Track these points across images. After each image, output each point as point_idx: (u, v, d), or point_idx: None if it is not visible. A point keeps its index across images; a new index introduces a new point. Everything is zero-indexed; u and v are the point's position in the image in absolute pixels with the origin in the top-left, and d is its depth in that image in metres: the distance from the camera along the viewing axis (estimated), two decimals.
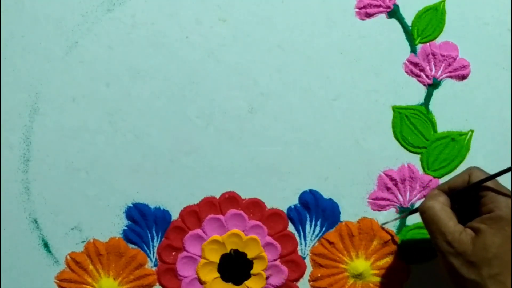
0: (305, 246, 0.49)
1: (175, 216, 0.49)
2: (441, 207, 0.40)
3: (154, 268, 0.49)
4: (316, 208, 0.49)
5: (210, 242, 0.49)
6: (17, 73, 0.49)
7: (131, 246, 0.49)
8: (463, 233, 0.39)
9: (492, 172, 0.41)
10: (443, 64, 0.50)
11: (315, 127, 0.50)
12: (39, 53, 0.49)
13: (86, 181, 0.49)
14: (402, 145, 0.50)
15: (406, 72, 0.50)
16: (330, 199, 0.49)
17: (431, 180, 0.50)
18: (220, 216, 0.49)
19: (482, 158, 0.50)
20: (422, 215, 0.41)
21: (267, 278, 0.49)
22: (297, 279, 0.49)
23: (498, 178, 0.41)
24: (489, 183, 0.40)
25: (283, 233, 0.49)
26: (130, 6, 0.49)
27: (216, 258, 0.49)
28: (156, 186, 0.49)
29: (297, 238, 0.49)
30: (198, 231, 0.49)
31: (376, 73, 0.50)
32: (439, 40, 0.50)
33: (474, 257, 0.38)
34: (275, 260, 0.49)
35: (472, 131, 0.50)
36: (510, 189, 0.47)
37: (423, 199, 0.42)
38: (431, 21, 0.50)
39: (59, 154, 0.49)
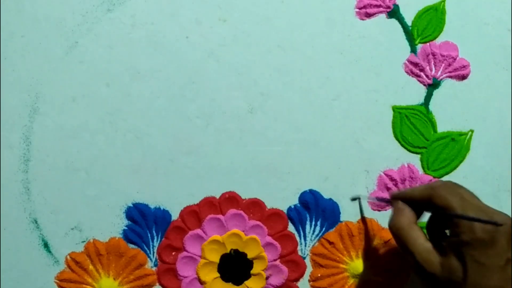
0: (305, 246, 0.49)
1: (175, 216, 0.49)
2: (407, 224, 0.40)
3: (154, 268, 0.49)
4: (316, 208, 0.49)
5: (210, 242, 0.49)
6: (17, 73, 0.49)
7: (131, 246, 0.49)
8: (431, 253, 0.39)
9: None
10: (443, 64, 0.50)
11: (315, 127, 0.50)
12: (39, 53, 0.49)
13: (86, 181, 0.49)
14: (402, 145, 0.50)
15: (406, 72, 0.50)
16: (330, 199, 0.49)
17: (431, 180, 0.50)
18: (220, 216, 0.49)
19: (482, 158, 0.50)
20: (391, 232, 0.41)
21: (267, 278, 0.49)
22: (297, 279, 0.49)
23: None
24: (453, 203, 0.38)
25: (283, 233, 0.49)
26: (130, 6, 0.49)
27: (216, 258, 0.49)
28: (156, 186, 0.49)
29: (297, 238, 0.49)
30: (198, 231, 0.49)
31: (376, 73, 0.50)
32: (439, 40, 0.50)
33: (443, 279, 0.38)
34: (275, 260, 0.49)
35: (472, 131, 0.50)
36: (509, 190, 0.47)
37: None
38: (431, 21, 0.50)
39: (59, 154, 0.49)
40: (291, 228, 0.49)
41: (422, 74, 0.50)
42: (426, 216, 0.43)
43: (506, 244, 0.37)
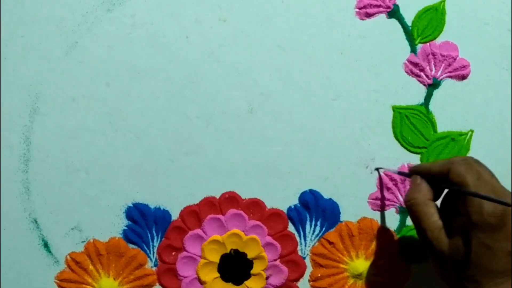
0: (305, 246, 0.49)
1: (175, 216, 0.49)
2: (423, 201, 0.40)
3: (154, 268, 0.49)
4: (316, 208, 0.49)
5: (210, 242, 0.49)
6: (17, 73, 0.49)
7: (131, 246, 0.49)
8: (442, 231, 0.39)
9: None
10: (443, 64, 0.50)
11: (315, 127, 0.50)
12: (39, 53, 0.49)
13: (86, 181, 0.49)
14: (402, 145, 0.50)
15: (406, 72, 0.50)
16: (330, 199, 0.49)
17: None
18: (220, 216, 0.49)
19: (482, 158, 0.50)
20: (406, 207, 0.42)
21: (267, 278, 0.49)
22: (297, 279, 0.49)
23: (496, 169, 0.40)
24: (469, 181, 0.38)
25: (283, 233, 0.49)
26: (130, 6, 0.49)
27: (216, 258, 0.49)
28: (156, 186, 0.49)
29: (297, 238, 0.49)
30: (198, 231, 0.49)
31: (376, 73, 0.50)
32: (439, 40, 0.50)
33: (449, 258, 0.38)
34: (275, 260, 0.49)
35: (472, 131, 0.50)
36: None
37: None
38: (431, 21, 0.50)
39: (59, 154, 0.49)
40: (291, 228, 0.49)
41: (422, 74, 0.50)
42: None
43: None
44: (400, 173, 0.48)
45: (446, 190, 0.43)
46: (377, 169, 0.49)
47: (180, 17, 0.49)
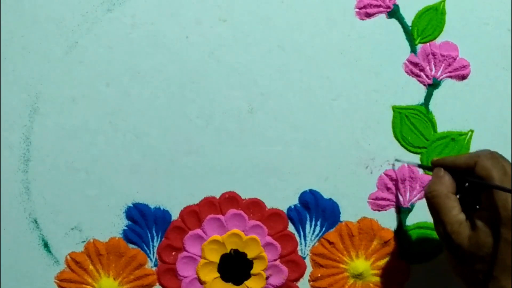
0: (305, 246, 0.49)
1: (175, 216, 0.49)
2: (445, 193, 0.40)
3: (154, 268, 0.49)
4: (316, 208, 0.49)
5: (210, 242, 0.49)
6: (17, 73, 0.49)
7: (131, 246, 0.49)
8: (462, 225, 0.38)
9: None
10: (443, 64, 0.50)
11: (315, 127, 0.50)
12: (39, 53, 0.49)
13: (86, 181, 0.49)
14: (402, 145, 0.50)
15: (406, 72, 0.50)
16: (330, 199, 0.49)
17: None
18: (220, 216, 0.49)
19: None
20: (427, 200, 0.41)
21: (267, 278, 0.49)
22: (297, 279, 0.49)
23: None
24: (495, 175, 0.38)
25: (283, 233, 0.49)
26: (130, 6, 0.49)
27: (216, 258, 0.49)
28: (156, 186, 0.49)
29: (297, 238, 0.49)
30: (198, 231, 0.49)
31: (376, 73, 0.50)
32: (439, 40, 0.50)
33: (468, 252, 0.38)
34: (275, 260, 0.49)
35: (472, 131, 0.50)
36: None
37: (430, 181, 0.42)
38: (431, 21, 0.50)
39: (59, 154, 0.49)
40: (291, 228, 0.49)
41: (422, 74, 0.50)
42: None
43: None
44: (421, 166, 0.48)
45: (466, 185, 0.42)
46: (396, 160, 0.49)
47: (180, 17, 0.49)
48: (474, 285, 0.39)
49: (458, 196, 0.42)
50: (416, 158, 0.50)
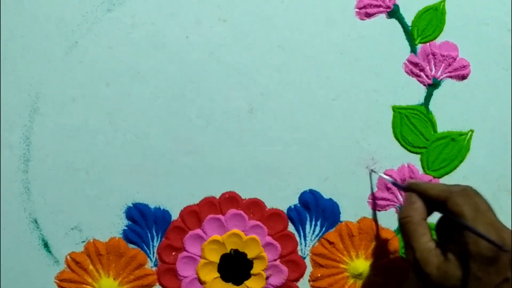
0: (305, 246, 0.49)
1: (175, 216, 0.49)
2: (418, 220, 0.40)
3: (154, 268, 0.49)
4: (316, 208, 0.49)
5: (210, 242, 0.49)
6: (17, 73, 0.49)
7: (131, 246, 0.49)
8: (431, 253, 0.39)
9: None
10: (443, 64, 0.50)
11: (315, 127, 0.50)
12: (39, 53, 0.49)
13: (86, 181, 0.49)
14: (402, 145, 0.50)
15: (406, 72, 0.50)
16: (330, 199, 0.49)
17: (431, 180, 0.50)
18: (220, 216, 0.49)
19: (482, 158, 0.50)
20: (399, 223, 0.41)
21: (267, 278, 0.49)
22: (297, 279, 0.49)
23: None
24: (466, 213, 0.38)
25: (283, 233, 0.49)
26: (130, 6, 0.49)
27: (216, 258, 0.49)
28: (156, 186, 0.49)
29: (297, 238, 0.49)
30: (198, 231, 0.49)
31: (376, 73, 0.50)
32: (439, 40, 0.50)
33: (436, 281, 0.38)
34: (275, 260, 0.49)
35: (472, 131, 0.50)
36: (510, 190, 0.47)
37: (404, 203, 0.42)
38: (431, 21, 0.50)
39: (59, 154, 0.49)
40: (291, 228, 0.49)
41: (422, 74, 0.50)
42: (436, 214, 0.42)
43: (508, 264, 0.36)
44: (395, 184, 0.48)
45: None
46: (372, 171, 0.49)
47: (180, 17, 0.49)
48: None
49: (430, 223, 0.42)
50: (416, 158, 0.50)
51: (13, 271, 0.49)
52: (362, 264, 0.49)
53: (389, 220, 0.50)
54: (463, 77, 0.50)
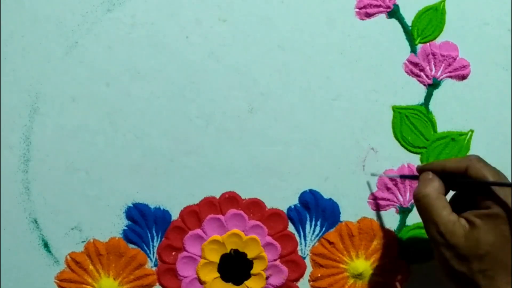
0: (305, 246, 0.49)
1: (175, 216, 0.49)
2: (436, 195, 0.40)
3: (154, 268, 0.49)
4: (316, 208, 0.49)
5: (210, 242, 0.49)
6: (17, 73, 0.49)
7: (131, 246, 0.49)
8: (456, 224, 0.38)
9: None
10: (443, 64, 0.50)
11: (315, 127, 0.50)
12: (39, 53, 0.49)
13: (86, 181, 0.49)
14: (402, 145, 0.50)
15: (406, 72, 0.50)
16: (330, 199, 0.49)
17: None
18: (220, 216, 0.49)
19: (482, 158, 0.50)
20: (416, 202, 0.41)
21: (267, 278, 0.49)
22: (297, 279, 0.49)
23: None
24: (488, 175, 0.38)
25: (283, 233, 0.49)
26: (130, 6, 0.49)
27: (216, 258, 0.49)
28: (156, 186, 0.49)
29: (297, 238, 0.49)
30: (198, 231, 0.49)
31: (376, 73, 0.50)
32: (439, 40, 0.50)
33: (466, 251, 0.38)
34: (275, 260, 0.49)
35: (472, 131, 0.50)
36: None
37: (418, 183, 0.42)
38: (431, 21, 0.50)
39: (59, 154, 0.49)
40: (291, 228, 0.49)
41: (422, 74, 0.50)
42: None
43: None
44: (404, 176, 0.48)
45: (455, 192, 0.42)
46: (374, 174, 0.49)
47: (180, 17, 0.49)
48: (467, 287, 0.38)
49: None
50: (416, 158, 0.50)
51: (13, 271, 0.49)
52: (362, 264, 0.49)
53: (389, 220, 0.50)
54: (463, 77, 0.50)
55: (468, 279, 0.38)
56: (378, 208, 0.49)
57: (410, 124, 0.50)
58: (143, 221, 0.49)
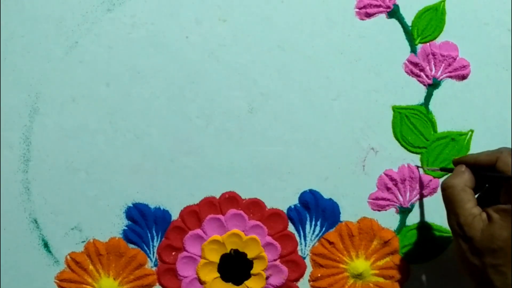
0: (305, 246, 0.49)
1: (175, 216, 0.49)
2: (462, 187, 0.40)
3: (154, 268, 0.49)
4: (316, 208, 0.49)
5: (210, 242, 0.49)
6: (17, 73, 0.49)
7: (131, 246, 0.49)
8: (476, 218, 0.39)
9: None
10: (443, 64, 0.50)
11: (315, 127, 0.50)
12: (39, 53, 0.49)
13: (86, 181, 0.49)
14: (402, 145, 0.50)
15: (406, 72, 0.50)
16: (330, 199, 0.49)
17: (431, 180, 0.50)
18: (220, 216, 0.49)
19: None
20: (442, 191, 0.41)
21: (267, 278, 0.49)
22: (297, 279, 0.49)
23: None
24: None
25: (283, 233, 0.49)
26: (130, 6, 0.49)
27: (216, 258, 0.49)
28: (156, 186, 0.49)
29: (297, 238, 0.49)
30: (198, 231, 0.49)
31: (376, 73, 0.50)
32: (439, 40, 0.50)
33: (480, 245, 0.38)
34: (275, 260, 0.49)
35: (472, 131, 0.50)
36: None
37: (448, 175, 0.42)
38: (431, 21, 0.50)
39: (59, 154, 0.49)
40: (291, 228, 0.49)
41: (422, 74, 0.50)
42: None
43: None
44: (443, 169, 0.48)
45: (486, 186, 0.42)
46: (418, 167, 0.49)
47: (180, 17, 0.49)
48: (480, 280, 0.39)
49: (477, 195, 0.42)
50: (416, 158, 0.50)
51: (13, 271, 0.49)
52: (362, 264, 0.49)
53: (389, 220, 0.50)
54: (463, 77, 0.50)
55: (481, 272, 0.38)
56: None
57: (410, 124, 0.50)
58: (143, 221, 0.49)
